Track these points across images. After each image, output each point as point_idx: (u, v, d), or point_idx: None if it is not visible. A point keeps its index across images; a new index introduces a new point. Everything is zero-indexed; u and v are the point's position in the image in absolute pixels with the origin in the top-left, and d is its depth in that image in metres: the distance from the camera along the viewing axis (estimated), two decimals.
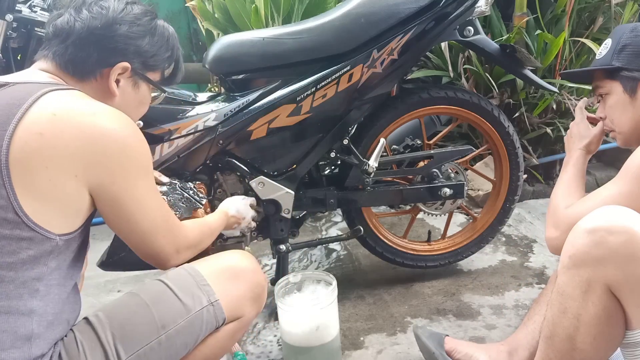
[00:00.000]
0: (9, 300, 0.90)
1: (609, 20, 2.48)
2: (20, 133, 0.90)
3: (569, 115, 2.49)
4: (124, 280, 2.10)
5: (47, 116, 0.93)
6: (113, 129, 0.97)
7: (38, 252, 0.92)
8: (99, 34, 1.06)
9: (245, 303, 1.18)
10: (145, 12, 1.13)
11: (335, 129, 1.67)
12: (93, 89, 1.07)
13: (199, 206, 1.48)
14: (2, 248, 0.89)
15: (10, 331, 0.90)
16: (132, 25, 1.09)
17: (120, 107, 1.08)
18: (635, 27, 1.22)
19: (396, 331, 1.71)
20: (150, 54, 1.13)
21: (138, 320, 1.04)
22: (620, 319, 1.02)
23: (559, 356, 1.08)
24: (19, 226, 0.90)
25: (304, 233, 2.35)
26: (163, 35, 1.16)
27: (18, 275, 0.91)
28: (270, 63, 1.60)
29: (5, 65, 1.70)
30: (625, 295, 0.99)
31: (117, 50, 1.08)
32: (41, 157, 0.91)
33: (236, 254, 1.23)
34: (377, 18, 1.58)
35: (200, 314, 1.09)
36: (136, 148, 1.01)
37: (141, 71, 1.13)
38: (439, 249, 1.97)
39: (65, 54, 1.05)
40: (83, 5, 1.07)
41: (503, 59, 1.76)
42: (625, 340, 1.04)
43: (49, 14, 1.74)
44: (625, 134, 1.25)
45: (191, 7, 2.92)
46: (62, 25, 1.06)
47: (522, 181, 1.92)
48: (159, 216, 1.07)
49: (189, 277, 1.12)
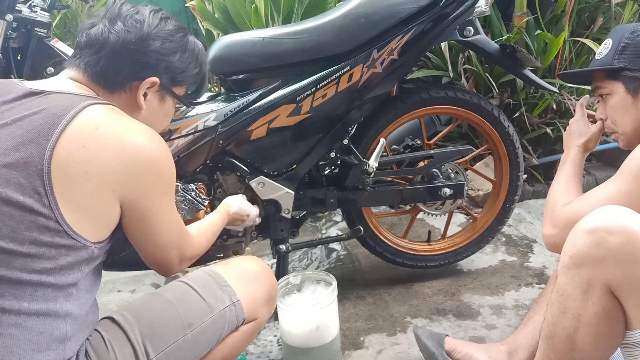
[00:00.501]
0: (47, 304, 0.92)
1: (609, 20, 2.48)
2: (63, 144, 0.92)
3: (569, 115, 2.49)
4: (124, 280, 2.10)
5: (91, 130, 0.95)
6: (151, 148, 1.00)
7: (75, 259, 0.95)
8: (132, 48, 1.07)
9: (261, 304, 1.22)
10: (178, 28, 1.15)
11: (335, 129, 1.67)
12: (122, 101, 1.09)
13: (202, 208, 1.48)
14: (42, 254, 0.91)
15: (47, 333, 0.92)
16: (165, 42, 1.10)
17: (146, 119, 1.10)
18: (636, 28, 1.21)
19: (396, 331, 1.71)
20: (180, 70, 1.14)
21: (165, 319, 1.07)
22: (620, 319, 1.02)
23: (559, 356, 1.08)
24: (59, 234, 0.92)
25: (304, 233, 2.35)
26: (193, 52, 1.18)
27: (56, 279, 0.93)
28: (270, 63, 1.60)
29: (5, 65, 1.71)
30: (625, 296, 0.99)
31: (148, 65, 1.09)
32: (84, 169, 0.93)
33: (249, 259, 1.30)
34: (377, 18, 1.58)
35: (224, 313, 1.13)
36: (167, 167, 1.04)
37: (169, 86, 1.14)
38: (439, 249, 1.97)
39: (97, 65, 1.06)
40: (118, 18, 1.08)
41: (503, 59, 1.76)
42: (625, 341, 1.04)
43: (48, 14, 1.75)
44: (628, 135, 1.24)
45: (191, 7, 2.92)
46: (96, 35, 1.07)
47: (522, 181, 1.92)
48: (176, 232, 1.11)
49: (210, 278, 1.16)
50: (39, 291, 0.91)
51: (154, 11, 1.13)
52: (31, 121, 0.94)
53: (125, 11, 1.09)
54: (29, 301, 0.90)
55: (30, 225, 0.90)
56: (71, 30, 3.14)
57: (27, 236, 0.90)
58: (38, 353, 0.91)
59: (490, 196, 1.99)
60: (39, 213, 0.90)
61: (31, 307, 0.91)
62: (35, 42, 1.72)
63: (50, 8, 1.76)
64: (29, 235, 0.90)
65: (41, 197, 0.90)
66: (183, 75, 1.16)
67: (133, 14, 1.09)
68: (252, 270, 1.23)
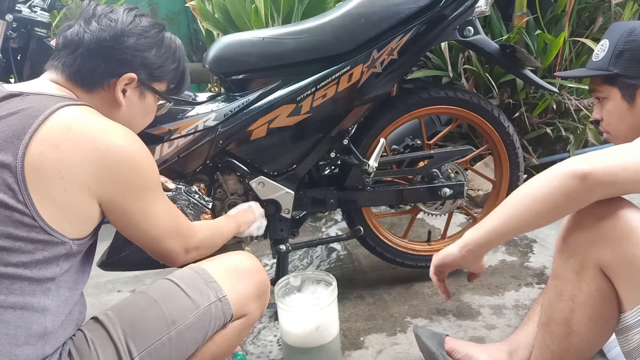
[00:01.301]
0: (23, 297, 0.93)
1: (609, 20, 2.48)
2: (35, 143, 0.94)
3: (569, 115, 2.49)
4: (124, 280, 2.10)
5: (63, 130, 0.96)
6: (125, 146, 1.01)
7: (52, 254, 0.96)
8: (107, 45, 1.09)
9: (251, 301, 1.20)
10: (153, 24, 1.16)
11: (335, 129, 1.67)
12: (101, 99, 1.11)
13: (206, 210, 1.48)
14: (18, 248, 0.93)
15: (25, 327, 0.93)
16: (140, 37, 1.12)
17: (127, 116, 1.13)
18: (633, 30, 1.18)
19: (396, 331, 1.71)
20: (157, 65, 1.16)
21: (148, 317, 1.06)
22: (613, 300, 1.05)
23: (556, 342, 1.10)
24: (34, 230, 0.94)
25: (304, 233, 2.35)
26: (170, 47, 1.19)
27: (33, 273, 0.94)
28: (270, 63, 1.60)
29: (5, 65, 1.70)
30: (616, 276, 1.03)
31: (124, 62, 1.10)
32: (57, 167, 0.95)
33: (240, 254, 1.27)
34: (377, 18, 1.58)
35: (209, 309, 1.11)
36: (144, 165, 1.05)
37: (147, 82, 1.16)
38: (439, 249, 1.94)
39: (74, 65, 1.08)
40: (93, 17, 1.10)
41: (503, 59, 1.76)
42: (619, 326, 1.06)
43: (48, 14, 1.75)
44: (622, 139, 1.24)
45: (191, 7, 2.92)
46: (71, 36, 1.09)
47: (522, 181, 1.92)
48: (168, 222, 1.12)
49: (195, 275, 1.15)
50: (16, 284, 0.93)
51: (128, 9, 1.15)
52: (7, 121, 0.96)
53: (99, 11, 1.12)
54: (5, 294, 0.92)
55: (5, 220, 0.92)
56: None
57: (2, 230, 0.92)
58: (15, 347, 0.91)
59: (490, 196, 1.99)
60: (13, 208, 0.92)
61: (7, 299, 0.92)
62: (35, 42, 1.72)
63: (50, 8, 1.76)
64: (4, 230, 0.92)
65: (15, 194, 0.92)
66: (160, 70, 1.17)
67: (107, 12, 1.11)
68: (241, 266, 1.22)
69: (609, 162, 0.99)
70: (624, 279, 1.02)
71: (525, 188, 1.06)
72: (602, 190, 0.99)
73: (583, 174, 0.98)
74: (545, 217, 1.04)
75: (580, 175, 0.98)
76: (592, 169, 0.98)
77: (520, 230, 1.10)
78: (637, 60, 1.16)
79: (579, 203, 1.02)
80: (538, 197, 1.03)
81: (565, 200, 1.00)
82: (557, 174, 1.01)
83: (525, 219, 1.06)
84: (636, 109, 1.18)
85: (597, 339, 1.09)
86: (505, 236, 1.11)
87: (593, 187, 0.98)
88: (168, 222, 1.12)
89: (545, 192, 1.02)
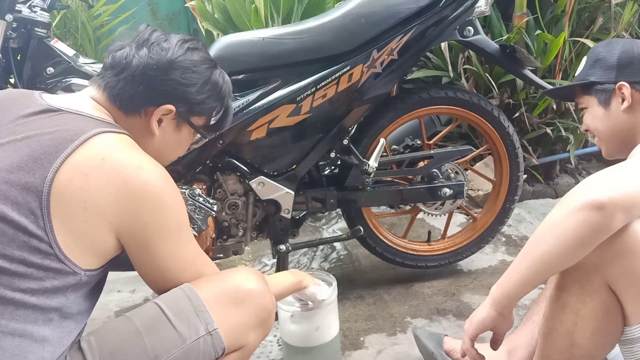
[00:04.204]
0: (25, 324, 0.90)
1: (609, 20, 2.48)
2: (66, 169, 0.92)
3: (569, 115, 2.49)
4: (124, 280, 2.10)
5: (96, 160, 0.95)
6: (153, 184, 0.98)
7: (62, 284, 0.94)
8: (151, 74, 1.07)
9: (248, 331, 1.08)
10: (203, 60, 1.14)
11: (335, 129, 1.67)
12: (137, 125, 1.09)
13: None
14: (30, 275, 0.90)
15: (20, 355, 0.90)
16: (186, 72, 1.10)
17: (159, 146, 1.11)
18: (609, 42, 1.25)
19: (396, 331, 1.71)
20: (198, 101, 1.13)
21: (129, 349, 0.98)
22: (618, 314, 1.03)
23: (558, 352, 1.09)
24: (49, 257, 0.91)
25: (304, 233, 2.35)
26: (216, 85, 1.16)
27: (39, 301, 0.91)
28: (270, 63, 1.60)
29: (5, 65, 1.70)
30: (623, 291, 1.01)
31: (164, 93, 1.09)
32: (82, 197, 0.93)
33: (241, 273, 1.13)
34: (377, 18, 1.58)
35: (197, 344, 1.01)
36: (171, 205, 1.02)
37: (185, 115, 1.13)
38: (439, 249, 1.97)
39: (116, 87, 1.07)
40: (145, 44, 1.09)
41: (503, 59, 1.76)
42: (624, 337, 1.05)
43: (48, 14, 1.75)
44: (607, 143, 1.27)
45: (191, 8, 2.92)
46: (120, 58, 1.08)
47: (522, 181, 1.92)
48: (191, 268, 1.07)
49: (186, 300, 1.03)
50: (20, 310, 0.90)
51: (183, 40, 1.12)
52: (40, 141, 0.94)
53: (154, 38, 1.10)
54: (7, 319, 0.89)
55: (22, 244, 0.90)
56: (71, 31, 3.13)
57: (17, 255, 0.90)
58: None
59: (490, 196, 1.99)
60: (32, 234, 0.90)
61: (9, 325, 0.89)
62: (35, 43, 1.71)
63: (50, 8, 1.76)
64: (19, 255, 0.90)
65: (37, 219, 0.90)
66: (201, 106, 1.14)
67: (161, 41, 1.10)
68: (240, 290, 1.08)
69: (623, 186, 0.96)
70: (630, 294, 1.00)
71: (546, 230, 1.01)
72: (624, 215, 0.96)
73: (601, 204, 0.94)
74: (574, 255, 0.99)
75: (598, 206, 0.95)
76: (609, 196, 0.94)
77: (551, 273, 1.06)
78: (608, 67, 1.21)
79: (605, 232, 0.97)
80: (562, 238, 0.98)
81: (591, 234, 0.96)
82: (575, 208, 0.96)
83: (554, 262, 1.01)
84: (611, 113, 1.21)
85: (600, 352, 1.08)
86: (535, 283, 1.06)
87: (613, 214, 0.95)
88: (191, 268, 1.06)
89: (567, 231, 0.98)
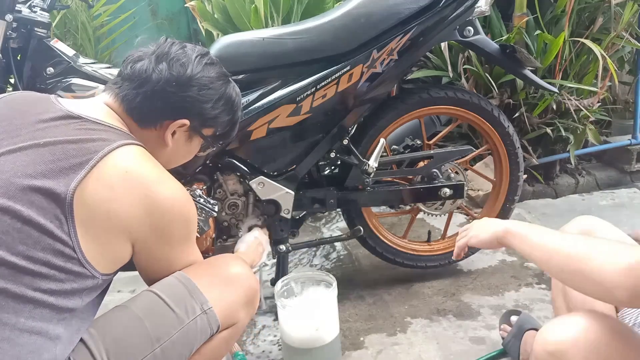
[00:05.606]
0: (42, 323, 0.93)
1: (609, 20, 2.47)
2: (91, 180, 0.96)
3: (569, 115, 2.49)
4: (124, 281, 2.09)
5: (120, 172, 0.99)
6: (172, 198, 1.04)
7: (80, 286, 0.97)
8: (170, 90, 1.10)
9: (239, 308, 1.17)
10: (219, 75, 1.18)
11: (335, 129, 1.67)
12: (150, 136, 1.13)
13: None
14: (52, 276, 0.93)
15: (37, 353, 0.92)
16: (203, 88, 1.14)
17: (169, 155, 1.16)
18: None
19: (396, 331, 1.71)
20: (212, 116, 1.17)
21: (131, 334, 1.04)
22: None
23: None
24: (72, 261, 0.95)
25: (304, 233, 2.35)
26: (229, 99, 1.21)
27: (57, 301, 0.94)
28: (270, 63, 1.60)
29: (5, 65, 1.70)
30: None
31: (182, 108, 1.13)
32: (107, 208, 0.97)
33: (228, 259, 1.25)
34: (377, 18, 1.58)
35: (194, 323, 1.08)
36: (187, 218, 1.08)
37: (198, 128, 1.17)
38: (439, 249, 1.97)
39: (134, 100, 1.10)
40: (165, 58, 1.11)
41: (503, 59, 1.76)
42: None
43: (48, 14, 1.75)
44: None
45: (191, 8, 2.91)
46: (140, 71, 1.10)
47: (522, 181, 1.92)
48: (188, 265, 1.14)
49: (180, 285, 1.10)
50: (38, 309, 0.93)
51: (201, 55, 1.15)
52: (65, 150, 0.97)
53: (173, 52, 1.12)
54: (25, 317, 0.91)
55: (47, 247, 0.93)
56: (71, 31, 3.13)
57: (41, 257, 0.93)
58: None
59: (490, 196, 1.99)
60: (57, 238, 0.93)
61: (27, 323, 0.91)
62: (35, 43, 1.71)
63: (50, 8, 1.76)
64: (43, 257, 0.93)
65: (61, 224, 0.94)
66: (214, 120, 1.19)
67: (180, 56, 1.12)
68: (228, 272, 1.18)
69: None
70: None
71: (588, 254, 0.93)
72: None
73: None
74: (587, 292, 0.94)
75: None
76: None
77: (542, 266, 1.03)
78: None
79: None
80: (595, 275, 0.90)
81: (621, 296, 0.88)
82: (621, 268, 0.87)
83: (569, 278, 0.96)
84: None
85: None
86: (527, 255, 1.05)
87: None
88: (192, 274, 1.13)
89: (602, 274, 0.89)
